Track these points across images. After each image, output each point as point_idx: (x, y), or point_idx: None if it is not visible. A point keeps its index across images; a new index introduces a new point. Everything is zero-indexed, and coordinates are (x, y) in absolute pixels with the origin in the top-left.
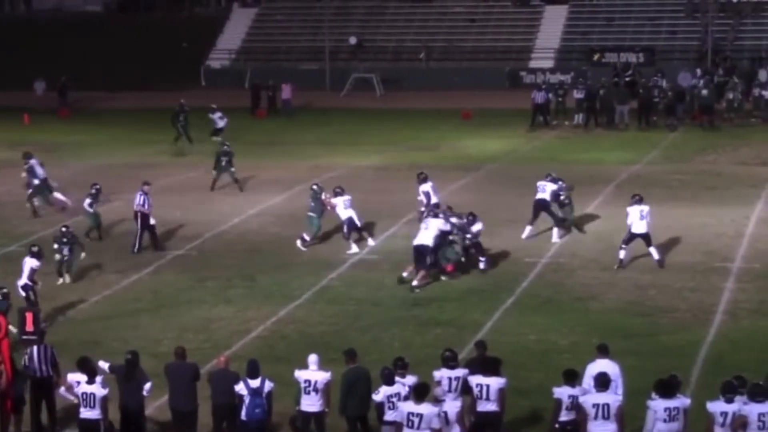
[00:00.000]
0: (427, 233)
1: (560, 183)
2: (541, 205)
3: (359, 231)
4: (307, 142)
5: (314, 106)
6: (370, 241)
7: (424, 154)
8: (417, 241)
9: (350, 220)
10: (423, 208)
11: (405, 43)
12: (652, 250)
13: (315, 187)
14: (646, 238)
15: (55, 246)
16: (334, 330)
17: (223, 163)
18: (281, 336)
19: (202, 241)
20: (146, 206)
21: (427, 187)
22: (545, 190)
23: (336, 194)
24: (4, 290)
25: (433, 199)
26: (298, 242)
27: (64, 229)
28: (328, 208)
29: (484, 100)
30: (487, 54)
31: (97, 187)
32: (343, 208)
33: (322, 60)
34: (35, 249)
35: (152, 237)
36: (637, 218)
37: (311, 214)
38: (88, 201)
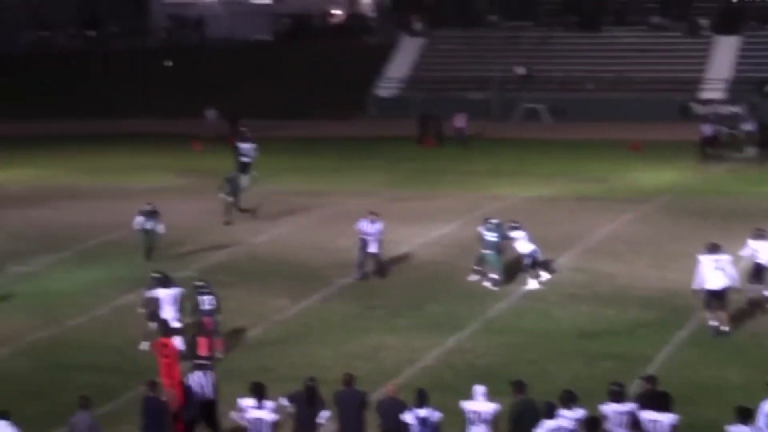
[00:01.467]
0: (722, 275)
1: None
2: (758, 269)
3: (536, 267)
4: (475, 171)
5: (485, 136)
6: (545, 275)
7: (593, 186)
8: (712, 286)
9: (535, 252)
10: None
11: (572, 74)
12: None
13: (493, 222)
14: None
15: None
16: (501, 361)
17: None
18: (448, 366)
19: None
20: (372, 232)
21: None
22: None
23: (513, 229)
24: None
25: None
26: (486, 282)
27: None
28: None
29: (653, 131)
30: (656, 84)
31: None
32: (524, 242)
33: (488, 89)
34: (161, 277)
35: (375, 264)
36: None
37: (487, 251)
38: None
